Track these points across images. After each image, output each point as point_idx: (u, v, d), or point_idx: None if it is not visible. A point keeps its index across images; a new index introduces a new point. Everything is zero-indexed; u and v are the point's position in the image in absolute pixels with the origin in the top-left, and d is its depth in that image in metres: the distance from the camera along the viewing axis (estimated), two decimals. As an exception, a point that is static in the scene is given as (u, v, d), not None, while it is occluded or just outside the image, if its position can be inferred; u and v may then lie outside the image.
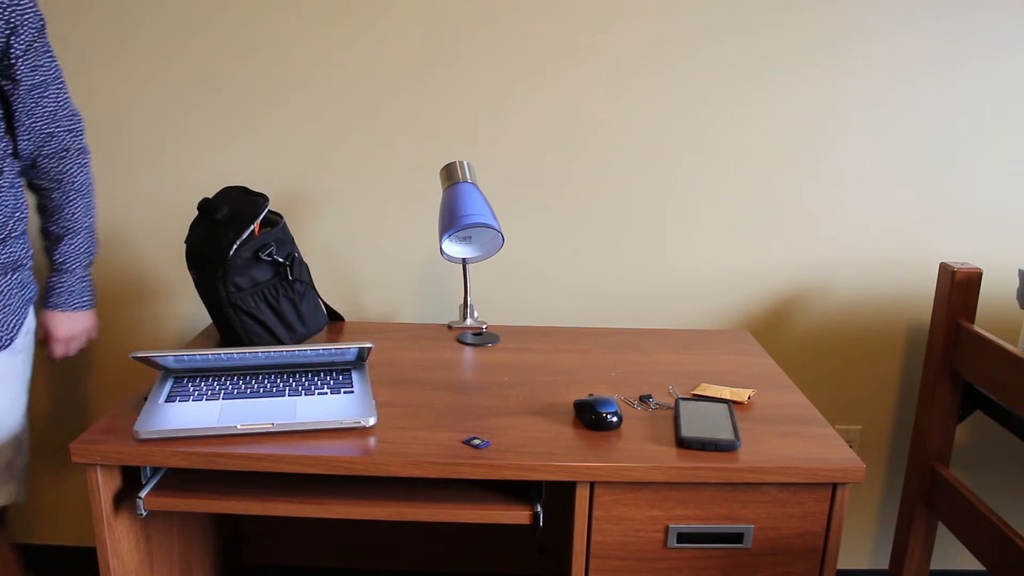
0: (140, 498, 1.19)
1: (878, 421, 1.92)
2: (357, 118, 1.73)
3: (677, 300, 1.86)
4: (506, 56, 1.70)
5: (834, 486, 1.17)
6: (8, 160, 1.28)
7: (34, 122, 1.28)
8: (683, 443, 1.19)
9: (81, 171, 1.37)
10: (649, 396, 1.36)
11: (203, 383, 1.31)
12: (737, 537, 1.18)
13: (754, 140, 1.74)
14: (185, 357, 1.26)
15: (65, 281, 1.40)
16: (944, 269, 1.67)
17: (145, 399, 1.29)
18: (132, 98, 1.74)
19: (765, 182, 1.77)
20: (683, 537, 1.18)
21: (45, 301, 1.42)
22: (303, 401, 1.24)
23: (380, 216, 1.80)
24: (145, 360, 1.27)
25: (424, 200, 1.79)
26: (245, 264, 1.47)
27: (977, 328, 1.61)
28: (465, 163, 1.63)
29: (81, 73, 1.73)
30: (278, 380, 1.33)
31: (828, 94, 1.72)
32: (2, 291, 1.28)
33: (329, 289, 1.85)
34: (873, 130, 1.74)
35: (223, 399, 1.25)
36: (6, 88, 1.25)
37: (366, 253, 1.83)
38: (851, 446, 1.88)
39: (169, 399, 1.26)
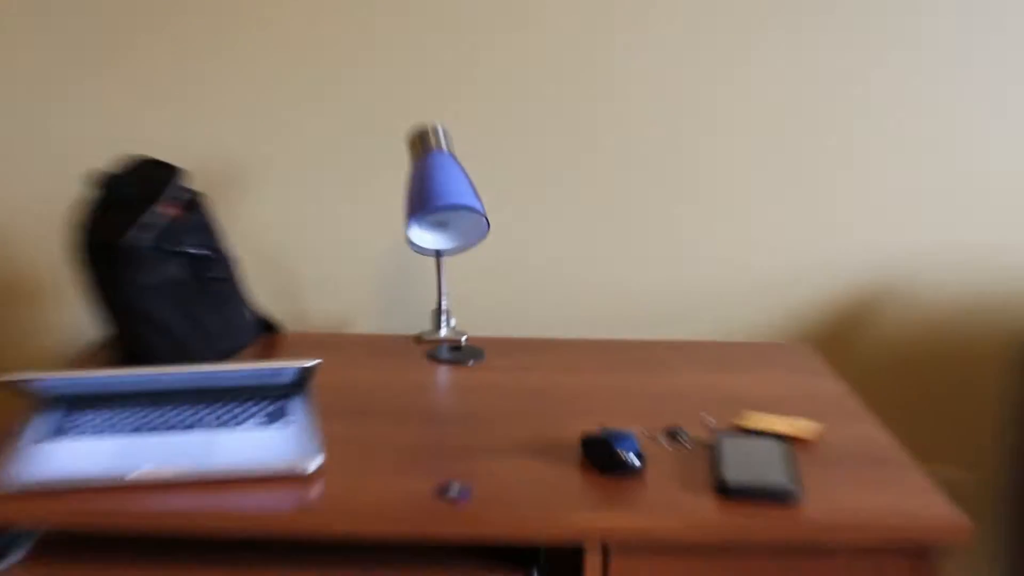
0: None
1: (985, 463, 1.92)
2: (301, 74, 1.77)
3: (715, 303, 1.87)
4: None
5: (928, 551, 1.16)
6: None
7: None
8: (725, 491, 1.18)
9: None
10: (679, 430, 1.37)
11: (94, 415, 1.32)
12: (798, 618, 1.19)
13: (816, 104, 1.77)
14: (68, 380, 1.28)
15: None
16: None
17: (16, 438, 1.28)
18: (8, 51, 1.75)
19: (831, 156, 1.80)
20: (727, 618, 1.18)
21: None
22: (225, 438, 1.26)
23: (329, 196, 1.83)
24: (15, 385, 1.26)
25: (387, 176, 1.81)
26: (151, 257, 1.50)
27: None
28: (439, 128, 1.65)
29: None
30: (193, 410, 1.34)
31: (920, 66, 1.75)
32: None
33: (262, 290, 1.87)
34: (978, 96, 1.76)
35: (119, 436, 1.26)
36: None
37: (311, 243, 1.85)
38: (951, 496, 1.88)
39: (48, 437, 1.25)
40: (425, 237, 1.67)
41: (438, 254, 1.68)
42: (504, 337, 1.84)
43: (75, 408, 1.34)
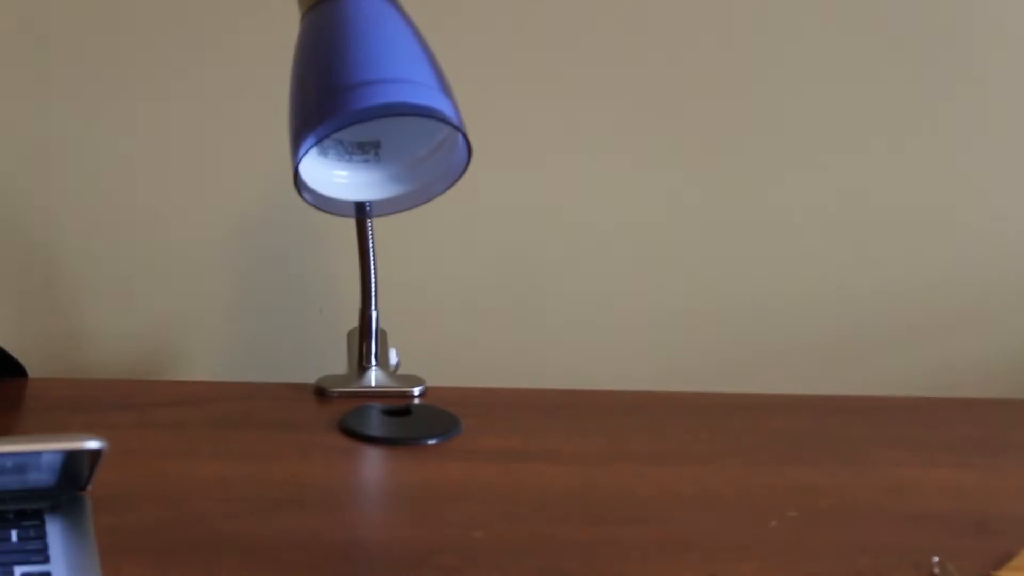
0: None
1: None
2: None
3: (937, 321, 1.65)
4: None
5: None
6: None
7: None
8: None
9: None
10: (875, 583, 1.14)
11: None
12: None
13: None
14: None
15: None
16: None
17: None
18: None
19: None
20: None
21: None
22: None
23: (132, 103, 1.58)
24: None
25: (247, 48, 1.57)
26: None
27: None
28: (364, -53, 1.34)
29: None
30: None
31: None
32: None
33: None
34: None
35: None
36: None
37: (84, 198, 1.63)
38: None
39: None
40: (334, 176, 1.34)
41: (363, 212, 1.36)
42: (498, 388, 1.47)
43: None
